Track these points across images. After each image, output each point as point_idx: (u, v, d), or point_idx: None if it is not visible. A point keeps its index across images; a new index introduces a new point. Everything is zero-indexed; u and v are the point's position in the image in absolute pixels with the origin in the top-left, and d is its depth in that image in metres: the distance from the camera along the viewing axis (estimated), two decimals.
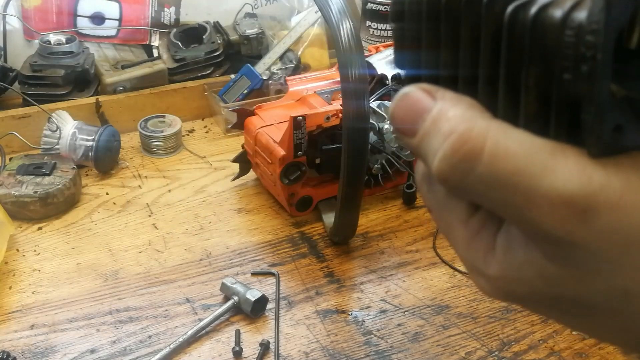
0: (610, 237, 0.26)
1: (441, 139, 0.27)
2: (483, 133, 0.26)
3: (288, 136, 0.84)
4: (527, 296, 0.30)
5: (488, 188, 0.27)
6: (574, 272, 0.28)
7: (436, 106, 0.28)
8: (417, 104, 0.29)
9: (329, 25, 0.71)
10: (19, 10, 1.15)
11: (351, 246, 0.87)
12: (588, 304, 0.29)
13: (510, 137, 0.26)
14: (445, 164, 0.27)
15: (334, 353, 0.72)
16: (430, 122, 0.28)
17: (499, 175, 0.26)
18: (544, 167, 0.26)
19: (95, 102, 1.07)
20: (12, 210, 0.88)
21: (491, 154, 0.26)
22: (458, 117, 0.27)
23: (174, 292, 0.79)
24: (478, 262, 0.30)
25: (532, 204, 0.26)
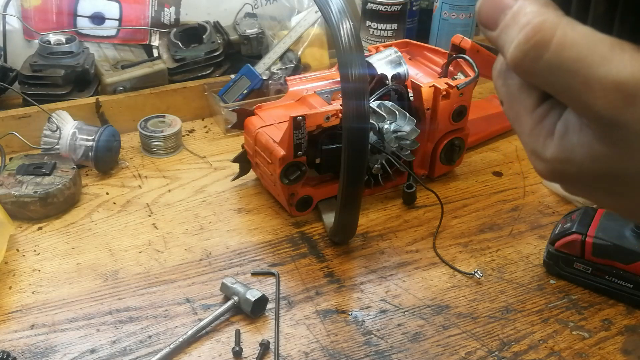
0: None
1: (518, 30, 0.31)
2: (554, 25, 0.30)
3: (288, 136, 0.84)
4: (576, 176, 0.34)
5: (553, 73, 0.31)
6: (620, 151, 0.31)
7: (517, 3, 0.32)
8: (501, 1, 0.33)
9: (329, 25, 0.71)
10: (19, 10, 1.15)
11: (351, 246, 0.87)
12: (630, 180, 0.33)
13: (576, 30, 0.30)
14: (519, 51, 0.31)
15: (334, 353, 0.72)
16: (510, 16, 0.32)
17: (563, 61, 0.30)
18: (603, 57, 0.29)
19: (95, 102, 1.07)
20: (12, 210, 0.88)
21: (558, 43, 0.30)
22: (534, 12, 0.31)
23: (174, 292, 0.79)
24: (538, 146, 0.35)
25: (589, 88, 0.30)
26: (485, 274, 0.83)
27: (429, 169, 1.01)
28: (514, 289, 0.81)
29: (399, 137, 0.90)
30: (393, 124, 0.90)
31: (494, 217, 0.94)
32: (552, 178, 0.36)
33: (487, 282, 0.82)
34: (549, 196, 0.98)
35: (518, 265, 0.85)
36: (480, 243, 0.89)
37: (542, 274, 0.84)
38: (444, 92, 0.92)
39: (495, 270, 0.84)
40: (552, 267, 0.83)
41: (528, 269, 0.84)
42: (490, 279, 0.82)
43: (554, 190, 0.99)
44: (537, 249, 0.87)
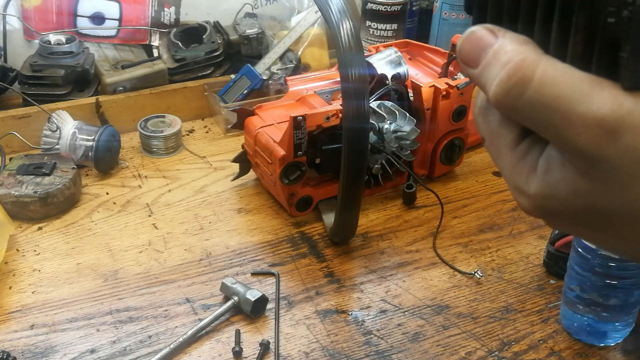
0: (633, 154, 0.31)
1: (499, 68, 0.33)
2: (534, 63, 0.31)
3: (288, 136, 0.84)
4: (561, 211, 0.35)
5: (534, 110, 0.32)
6: (602, 186, 0.32)
7: (497, 42, 0.33)
8: (482, 39, 0.34)
9: (329, 25, 0.71)
10: (19, 10, 1.15)
11: (351, 246, 0.87)
12: (613, 215, 0.33)
13: (556, 68, 0.31)
14: (501, 89, 0.32)
15: (334, 353, 0.72)
16: (491, 54, 0.33)
17: (544, 98, 0.31)
18: (583, 94, 0.31)
19: (95, 102, 1.07)
20: (12, 210, 0.88)
21: (539, 81, 0.31)
22: (515, 50, 0.32)
23: (174, 292, 0.79)
24: (521, 182, 0.35)
25: (570, 125, 0.31)
26: (485, 274, 0.83)
27: (429, 169, 1.01)
28: (514, 289, 0.81)
29: (399, 137, 0.90)
30: (393, 124, 0.90)
31: (494, 217, 0.94)
32: (536, 214, 0.36)
33: (487, 282, 0.82)
34: None
35: (518, 265, 0.85)
36: (480, 243, 0.89)
37: (542, 274, 0.84)
38: (444, 92, 0.92)
39: (495, 270, 0.84)
40: (552, 267, 0.83)
41: (528, 269, 0.84)
42: (490, 279, 0.82)
43: None
44: (537, 249, 0.87)
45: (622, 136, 0.30)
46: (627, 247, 0.37)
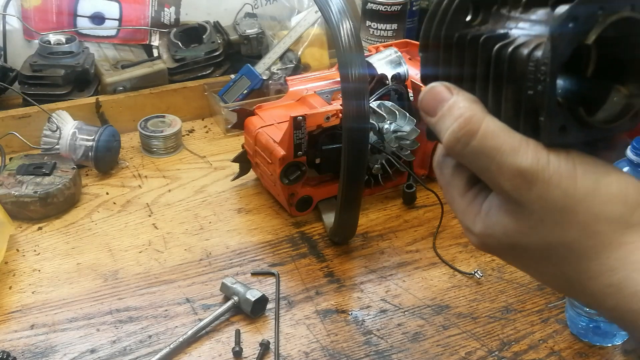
0: (542, 202, 0.39)
1: (453, 120, 0.40)
2: (480, 120, 0.39)
3: (288, 136, 0.84)
4: (497, 247, 0.43)
5: (477, 157, 0.39)
6: (522, 226, 0.40)
7: (452, 98, 0.41)
8: (439, 94, 0.41)
9: (329, 25, 0.71)
10: (19, 10, 1.15)
11: (351, 246, 0.87)
12: (532, 252, 0.41)
13: (496, 125, 0.39)
14: (453, 137, 0.40)
15: (334, 353, 0.72)
16: (447, 107, 0.41)
17: (485, 148, 0.39)
18: (513, 148, 0.38)
19: (95, 102, 1.07)
20: (12, 210, 0.88)
21: (482, 134, 0.39)
22: (466, 107, 0.40)
23: (174, 292, 0.79)
24: (469, 223, 0.43)
25: (501, 172, 0.39)
26: (485, 274, 0.83)
27: (429, 169, 1.00)
28: (514, 289, 0.81)
29: (399, 137, 0.90)
30: (393, 124, 0.90)
31: None
32: (481, 249, 0.44)
33: (487, 282, 0.82)
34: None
35: None
36: None
37: None
38: None
39: (495, 270, 0.84)
40: None
41: None
42: (490, 279, 0.82)
43: None
44: None
45: (535, 186, 0.38)
46: (549, 281, 0.44)
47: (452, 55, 0.42)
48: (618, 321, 0.41)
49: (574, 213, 0.39)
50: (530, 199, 0.39)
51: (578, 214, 0.39)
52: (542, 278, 0.44)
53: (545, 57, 0.36)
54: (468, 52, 0.41)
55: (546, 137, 0.38)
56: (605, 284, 0.39)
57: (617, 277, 0.39)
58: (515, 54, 0.38)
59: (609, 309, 0.40)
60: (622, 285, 0.39)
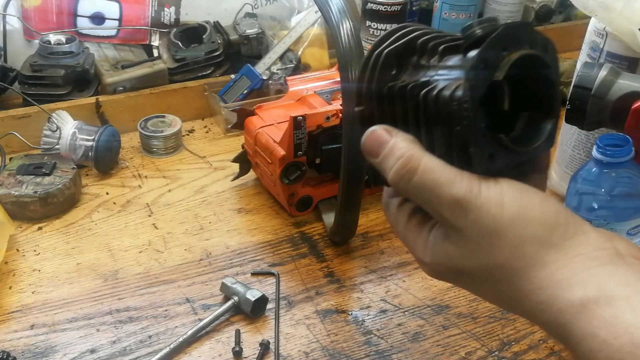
0: (476, 227, 0.43)
1: (395, 160, 0.45)
2: (419, 158, 0.44)
3: (288, 136, 0.84)
4: (446, 273, 0.47)
5: (419, 191, 0.44)
6: (463, 251, 0.44)
7: (392, 139, 0.46)
8: (380, 137, 0.46)
9: (329, 25, 0.71)
10: (19, 10, 1.15)
11: (351, 246, 0.87)
12: (474, 275, 0.45)
13: (434, 161, 0.44)
14: (396, 175, 0.45)
15: (334, 353, 0.72)
16: (388, 149, 0.46)
17: (425, 183, 0.44)
18: (449, 180, 0.43)
19: (95, 102, 1.07)
20: (12, 210, 0.88)
21: (422, 170, 0.44)
22: (405, 147, 0.45)
23: (174, 292, 0.79)
24: (420, 255, 0.48)
25: (440, 202, 0.43)
26: None
27: None
28: None
29: None
30: None
31: None
32: (433, 277, 0.49)
33: None
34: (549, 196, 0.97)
35: None
36: None
37: None
38: None
39: None
40: None
41: None
42: None
43: (554, 190, 0.99)
44: None
45: (470, 213, 0.42)
46: (490, 299, 0.47)
47: (384, 106, 0.48)
48: (553, 334, 0.43)
49: (503, 236, 0.42)
50: (467, 225, 0.43)
51: (507, 237, 0.42)
52: (488, 298, 0.47)
53: (465, 95, 0.41)
54: (398, 100, 0.46)
55: (478, 165, 0.43)
56: (537, 301, 0.43)
57: (545, 294, 0.42)
58: (439, 97, 0.43)
59: (543, 323, 0.43)
60: (550, 302, 0.42)
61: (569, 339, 0.42)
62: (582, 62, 0.89)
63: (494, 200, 0.42)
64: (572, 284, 0.41)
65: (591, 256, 0.42)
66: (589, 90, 0.73)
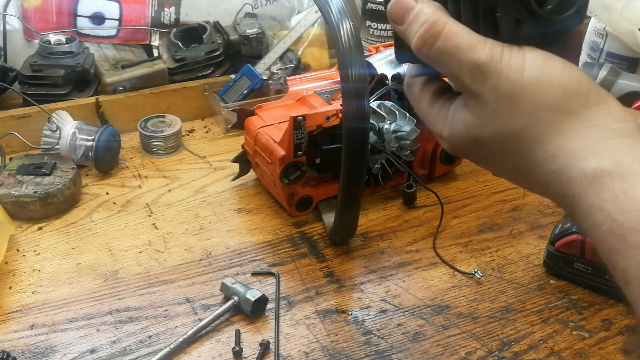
0: (494, 93, 0.42)
1: (419, 25, 0.44)
2: (443, 22, 0.43)
3: (288, 136, 0.84)
4: (462, 146, 0.46)
5: (442, 56, 0.43)
6: (480, 119, 0.44)
7: (418, 5, 0.45)
8: (406, 3, 0.45)
9: (329, 25, 0.71)
10: (19, 10, 1.15)
11: (351, 246, 0.87)
12: (490, 145, 0.44)
13: (458, 27, 0.43)
14: (420, 40, 0.44)
15: (334, 353, 0.72)
16: (413, 15, 0.45)
17: (448, 48, 0.43)
18: (472, 46, 0.42)
19: (95, 102, 1.07)
20: (12, 210, 0.88)
21: (445, 35, 0.43)
22: (430, 13, 0.44)
23: (174, 292, 0.79)
24: (439, 129, 0.47)
25: (462, 67, 0.43)
26: (485, 274, 0.83)
27: (429, 169, 1.01)
28: (514, 289, 0.81)
29: (399, 137, 0.90)
30: (393, 124, 0.90)
31: (494, 217, 0.94)
32: (451, 152, 0.48)
33: (487, 282, 0.82)
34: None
35: (518, 265, 0.85)
36: (480, 243, 0.89)
37: (542, 274, 0.84)
38: None
39: (496, 270, 0.84)
40: (552, 267, 0.83)
41: (528, 269, 0.84)
42: (490, 279, 0.82)
43: None
44: (537, 249, 0.87)
45: (489, 78, 0.42)
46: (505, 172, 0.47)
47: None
48: (562, 206, 0.43)
49: (520, 102, 0.42)
50: (485, 91, 0.42)
51: (524, 102, 0.42)
52: (502, 170, 0.47)
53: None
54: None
55: (504, 30, 0.42)
56: (548, 170, 0.42)
57: (558, 164, 0.42)
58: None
59: (553, 194, 0.43)
60: (561, 172, 0.42)
61: (576, 211, 0.41)
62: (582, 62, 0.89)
63: (514, 65, 0.42)
64: (587, 154, 0.41)
65: (611, 127, 0.41)
66: None
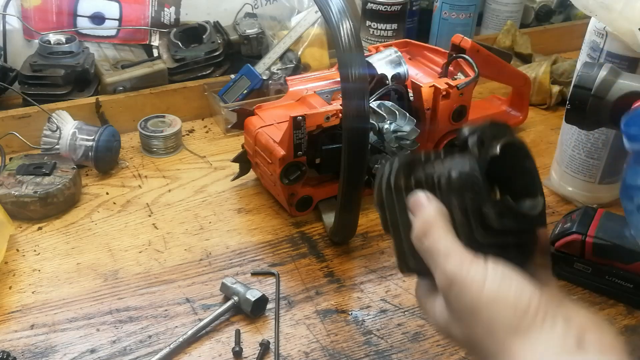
0: (458, 303, 0.48)
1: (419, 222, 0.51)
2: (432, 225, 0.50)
3: (288, 136, 0.84)
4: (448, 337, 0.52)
5: (427, 254, 0.50)
6: (451, 320, 0.49)
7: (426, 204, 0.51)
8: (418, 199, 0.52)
9: (329, 25, 0.71)
10: (19, 10, 1.15)
11: (351, 246, 0.87)
12: (461, 343, 0.50)
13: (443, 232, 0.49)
14: (414, 234, 0.51)
15: (334, 353, 0.72)
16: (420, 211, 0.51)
17: (431, 249, 0.50)
18: (446, 253, 0.49)
19: (95, 102, 1.07)
20: (12, 210, 0.88)
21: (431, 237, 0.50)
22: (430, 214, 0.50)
23: (174, 292, 0.79)
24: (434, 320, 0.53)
25: (437, 270, 0.49)
26: None
27: None
28: None
29: (399, 137, 0.90)
30: (393, 124, 0.90)
31: None
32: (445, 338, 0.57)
33: None
34: (549, 196, 0.98)
35: None
36: None
37: None
38: (444, 92, 0.92)
39: None
40: (552, 267, 0.82)
41: None
42: None
43: (554, 190, 0.99)
44: None
45: (454, 287, 0.47)
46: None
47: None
48: None
49: (479, 315, 0.46)
50: (451, 299, 0.48)
51: (482, 316, 0.46)
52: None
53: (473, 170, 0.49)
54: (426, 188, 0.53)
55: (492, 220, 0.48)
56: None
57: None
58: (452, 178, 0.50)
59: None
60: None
61: None
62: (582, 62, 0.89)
63: (476, 280, 0.47)
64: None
65: (553, 348, 0.45)
66: (589, 90, 0.73)
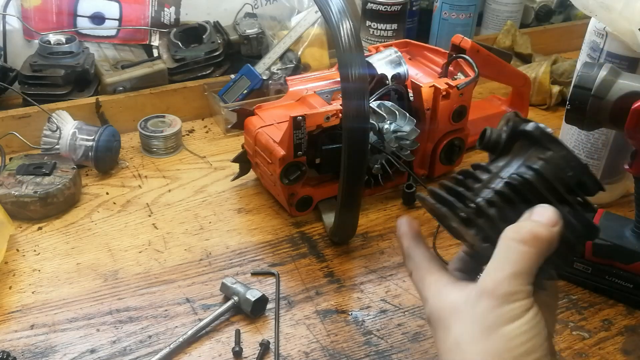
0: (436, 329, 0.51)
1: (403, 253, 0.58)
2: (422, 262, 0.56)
3: (288, 136, 0.84)
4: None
5: (416, 284, 0.55)
6: (436, 344, 0.52)
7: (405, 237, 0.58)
8: (403, 227, 0.59)
9: (329, 25, 0.71)
10: (19, 10, 1.15)
11: (351, 246, 0.87)
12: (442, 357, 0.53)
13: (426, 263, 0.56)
14: (407, 265, 0.57)
15: (334, 353, 0.72)
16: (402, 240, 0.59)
17: (419, 282, 0.55)
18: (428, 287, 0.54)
19: (95, 102, 1.07)
20: (12, 210, 0.88)
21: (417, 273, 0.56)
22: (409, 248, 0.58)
23: (174, 292, 0.79)
24: None
25: (423, 299, 0.54)
26: None
27: (428, 169, 1.01)
28: None
29: (399, 137, 0.90)
30: (393, 124, 0.90)
31: None
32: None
33: None
34: None
35: None
36: None
37: None
38: (444, 92, 0.92)
39: None
40: None
41: None
42: None
43: None
44: None
45: (427, 304, 0.53)
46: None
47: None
48: None
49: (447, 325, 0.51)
50: (432, 327, 0.52)
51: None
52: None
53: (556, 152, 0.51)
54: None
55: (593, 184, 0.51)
56: None
57: None
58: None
59: None
60: None
61: None
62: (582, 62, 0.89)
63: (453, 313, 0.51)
64: None
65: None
66: (589, 90, 0.73)
